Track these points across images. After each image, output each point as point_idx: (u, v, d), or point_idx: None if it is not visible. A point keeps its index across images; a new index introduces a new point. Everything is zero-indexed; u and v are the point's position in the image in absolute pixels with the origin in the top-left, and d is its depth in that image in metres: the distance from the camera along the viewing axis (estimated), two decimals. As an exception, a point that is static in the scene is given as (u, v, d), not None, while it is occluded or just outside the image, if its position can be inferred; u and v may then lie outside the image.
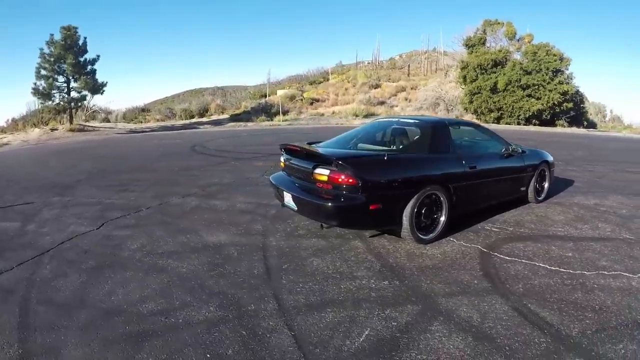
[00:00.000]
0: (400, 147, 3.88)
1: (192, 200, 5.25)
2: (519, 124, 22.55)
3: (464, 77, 25.02)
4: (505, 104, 22.96)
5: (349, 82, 33.94)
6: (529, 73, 22.34)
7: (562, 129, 21.32)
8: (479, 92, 23.83)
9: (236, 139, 14.14)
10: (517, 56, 24.10)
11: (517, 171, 4.24)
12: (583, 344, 2.02)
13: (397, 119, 4.30)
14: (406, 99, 29.51)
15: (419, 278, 2.80)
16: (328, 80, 36.43)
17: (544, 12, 56.87)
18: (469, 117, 24.63)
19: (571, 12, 57.81)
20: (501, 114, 23.41)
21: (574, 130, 21.41)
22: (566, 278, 2.74)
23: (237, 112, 26.80)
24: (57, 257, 3.33)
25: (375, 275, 2.87)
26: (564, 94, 21.91)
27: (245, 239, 3.68)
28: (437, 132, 3.73)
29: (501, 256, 3.13)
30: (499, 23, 25.02)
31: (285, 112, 25.32)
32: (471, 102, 24.43)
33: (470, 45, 25.56)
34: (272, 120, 23.99)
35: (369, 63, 41.32)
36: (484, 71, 23.77)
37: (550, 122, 22.69)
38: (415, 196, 3.26)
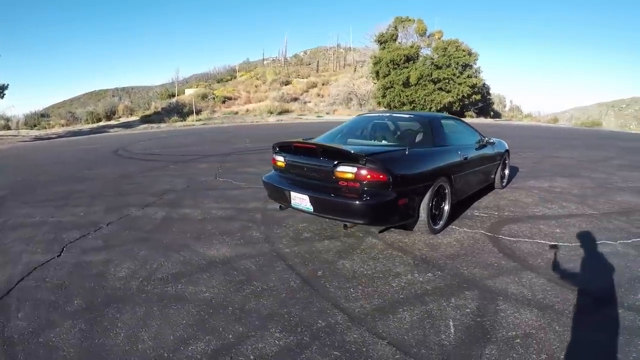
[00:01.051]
0: (403, 141, 3.87)
1: (156, 210, 4.52)
2: None
3: (377, 72, 25.85)
4: (418, 97, 24.25)
5: (257, 79, 33.36)
6: (440, 67, 23.89)
7: (471, 120, 23.46)
8: (392, 87, 24.85)
9: (157, 141, 12.90)
10: (428, 52, 25.47)
11: (491, 159, 4.69)
12: (614, 297, 2.33)
13: (388, 114, 4.33)
14: (319, 95, 30.00)
15: (455, 266, 2.89)
16: (236, 78, 35.38)
17: (452, 8, 63.96)
18: (382, 111, 25.65)
19: (476, 9, 66.11)
20: (413, 107, 24.72)
21: (482, 120, 24.07)
22: (569, 250, 3.14)
23: (148, 113, 24.73)
24: (24, 299, 2.50)
25: (415, 269, 2.86)
26: (473, 86, 24.00)
27: (252, 249, 3.30)
28: (436, 125, 3.88)
29: (506, 238, 3.43)
30: (409, 20, 26.38)
31: (198, 112, 23.88)
32: (384, 96, 25.40)
33: (382, 41, 26.50)
34: (185, 120, 22.51)
35: (273, 60, 41.10)
36: (396, 66, 24.70)
37: (460, 114, 24.43)
38: (431, 188, 3.34)
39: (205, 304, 2.43)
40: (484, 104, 26.48)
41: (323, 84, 31.89)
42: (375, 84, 27.01)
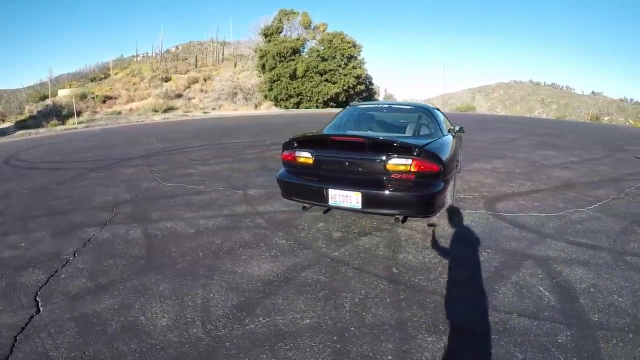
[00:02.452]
0: (419, 131, 3.87)
1: (125, 228, 3.58)
2: (317, 107, 24.28)
3: (263, 66, 25.19)
4: (305, 89, 24.31)
5: (134, 76, 29.73)
6: (326, 59, 24.32)
7: None
8: (279, 80, 24.41)
9: (50, 148, 10.35)
10: (314, 44, 25.73)
11: (460, 145, 5.19)
12: (619, 243, 2.94)
13: (387, 105, 4.34)
14: (202, 91, 28.47)
15: (496, 244, 3.14)
16: (110, 76, 30.77)
17: (334, 1, 66.02)
18: (268, 104, 25.15)
19: (353, 2, 69.72)
20: (301, 99, 24.72)
21: None
22: (561, 217, 3.76)
23: (23, 118, 20.66)
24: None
25: (470, 250, 3.02)
26: (358, 77, 25.05)
27: (297, 258, 2.91)
28: (437, 115, 4.06)
29: (507, 214, 3.88)
30: (294, 12, 26.28)
31: (78, 114, 20.11)
32: (271, 89, 24.91)
33: (268, 34, 25.95)
34: (65, 124, 18.84)
35: (149, 55, 37.03)
36: (282, 59, 24.36)
37: (346, 104, 25.91)
38: (453, 174, 3.53)
39: (322, 332, 2.03)
40: (367, 94, 27.84)
41: (205, 80, 30.13)
42: (260, 77, 26.36)
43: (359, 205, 3.05)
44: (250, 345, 1.93)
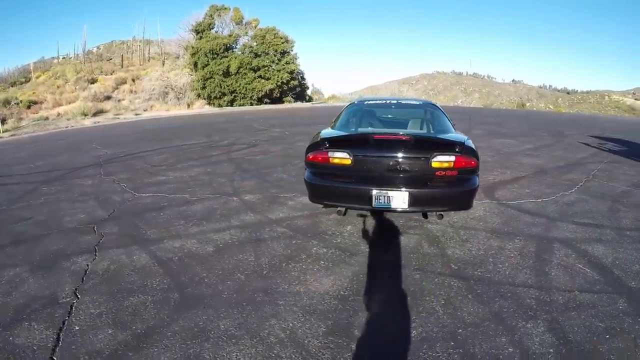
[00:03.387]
0: (434, 127, 3.86)
1: (125, 254, 3.00)
2: (252, 104, 23.85)
3: (195, 63, 24.22)
4: (239, 86, 23.64)
5: (57, 79, 26.21)
6: (259, 56, 23.82)
7: (291, 105, 24.55)
8: (212, 77, 23.52)
9: None
10: (247, 40, 24.98)
11: None
12: (615, 226, 3.37)
13: (395, 102, 4.27)
14: (132, 91, 26.45)
15: (519, 230, 3.36)
16: (31, 79, 26.52)
17: None
18: (201, 103, 24.25)
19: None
20: (235, 96, 24.00)
21: (301, 104, 25.18)
22: (555, 201, 4.16)
23: None
24: None
25: (501, 238, 3.17)
26: (291, 72, 24.87)
27: (360, 266, 2.73)
28: (442, 110, 4.15)
29: (510, 202, 4.17)
30: (225, 8, 25.22)
31: (2, 121, 16.97)
32: (204, 87, 23.96)
33: (199, 30, 24.82)
34: None
35: (66, 57, 32.69)
36: (215, 56, 23.49)
37: (280, 100, 25.20)
38: None
39: (435, 340, 1.91)
40: (300, 90, 27.78)
41: (134, 80, 27.76)
42: (192, 75, 25.22)
43: (405, 205, 2.97)
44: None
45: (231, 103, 24.08)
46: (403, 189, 2.94)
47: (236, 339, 1.96)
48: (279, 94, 24.99)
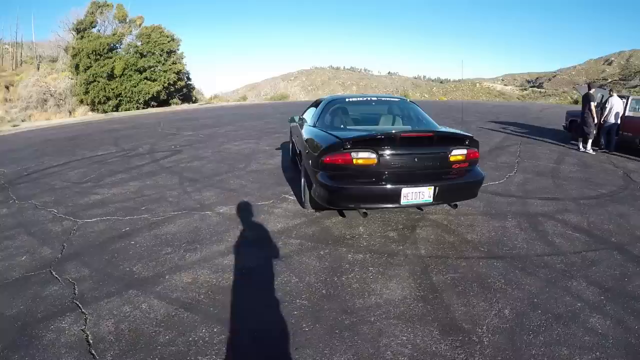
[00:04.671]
0: (416, 123, 4.13)
1: (129, 308, 2.43)
2: (138, 108, 23.13)
3: (77, 66, 22.75)
4: (124, 89, 22.83)
5: None
6: (145, 56, 23.21)
7: (178, 107, 23.54)
8: (95, 81, 22.47)
9: None
10: (132, 39, 24.29)
11: None
12: (569, 197, 4.29)
13: (375, 98, 4.38)
14: (7, 100, 22.89)
15: (506, 210, 3.96)
16: None
17: None
18: (84, 109, 22.72)
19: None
20: (120, 100, 23.12)
21: (187, 106, 24.17)
22: (510, 182, 4.99)
23: None
24: None
25: (501, 220, 3.69)
26: (178, 73, 24.66)
27: (414, 266, 2.81)
28: (418, 106, 4.49)
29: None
30: (108, 4, 23.95)
31: None
32: (87, 92, 22.61)
33: (81, 29, 23.30)
34: None
35: None
36: (99, 57, 22.45)
37: (166, 102, 24.62)
38: None
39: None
40: (187, 91, 27.62)
41: (7, 87, 23.64)
42: (73, 79, 23.39)
43: (430, 199, 3.17)
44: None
45: (117, 108, 22.81)
46: (429, 184, 3.13)
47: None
48: (165, 96, 24.56)
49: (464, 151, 3.28)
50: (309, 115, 4.94)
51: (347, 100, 4.48)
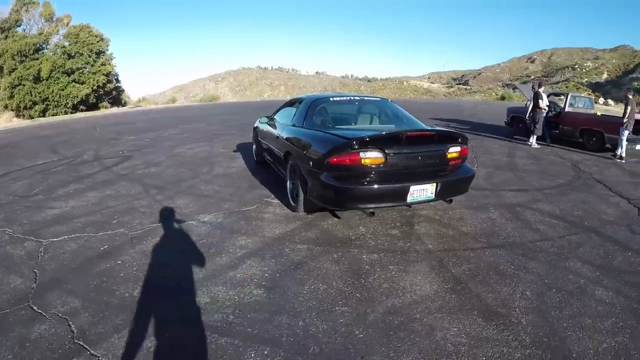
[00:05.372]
0: (412, 120, 4.26)
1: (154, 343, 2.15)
2: (66, 113, 22.16)
3: (1, 68, 21.45)
4: (51, 93, 21.73)
5: None
6: (73, 57, 22.43)
7: (108, 111, 22.43)
8: (21, 84, 21.08)
9: None
10: (59, 39, 23.13)
11: None
12: (533, 187, 4.85)
13: (359, 98, 4.45)
14: None
15: (486, 203, 4.34)
16: None
17: None
18: (8, 115, 20.78)
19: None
20: (47, 105, 21.94)
21: (122, 109, 23.23)
22: (476, 175, 5.40)
23: None
24: None
25: (486, 212, 4.03)
26: (108, 74, 23.78)
27: (432, 261, 2.94)
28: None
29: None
30: (34, 2, 22.47)
31: None
32: (12, 96, 21.22)
33: (5, 28, 21.75)
34: None
35: None
36: (24, 58, 21.18)
37: (96, 106, 23.70)
38: None
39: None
40: (116, 93, 26.90)
41: None
42: None
43: (432, 196, 3.37)
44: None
45: (44, 113, 21.44)
46: (431, 181, 3.32)
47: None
48: (95, 100, 23.64)
49: (458, 148, 3.53)
50: (285, 115, 4.89)
51: (331, 99, 4.52)
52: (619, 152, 6.79)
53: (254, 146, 6.49)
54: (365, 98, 4.83)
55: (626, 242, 3.34)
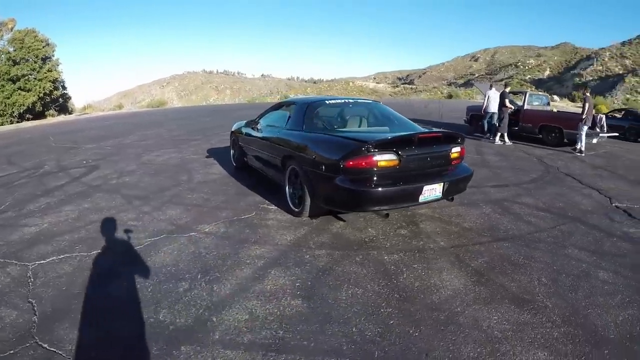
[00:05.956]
0: (407, 122, 4.44)
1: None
2: (12, 122, 21.08)
3: None
4: None
5: None
6: (18, 63, 21.60)
7: (55, 120, 21.22)
8: None
9: None
10: (3, 45, 22.13)
11: None
12: (513, 183, 5.30)
13: (352, 100, 4.56)
14: None
15: (477, 199, 4.67)
16: None
17: None
18: None
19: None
20: None
21: (70, 117, 22.16)
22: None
23: None
24: None
25: (479, 208, 4.34)
26: (54, 81, 23.02)
27: (458, 258, 3.10)
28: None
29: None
30: None
31: None
32: None
33: None
34: None
35: None
36: None
37: (42, 114, 22.87)
38: None
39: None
40: (63, 101, 25.97)
41: None
42: None
43: (440, 195, 3.58)
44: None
45: None
46: (439, 181, 3.54)
47: None
48: (41, 108, 22.74)
49: (459, 148, 3.80)
50: (275, 120, 4.88)
51: (327, 102, 4.59)
52: (578, 146, 7.61)
53: (232, 151, 6.37)
54: (359, 101, 4.99)
55: (608, 229, 3.81)
